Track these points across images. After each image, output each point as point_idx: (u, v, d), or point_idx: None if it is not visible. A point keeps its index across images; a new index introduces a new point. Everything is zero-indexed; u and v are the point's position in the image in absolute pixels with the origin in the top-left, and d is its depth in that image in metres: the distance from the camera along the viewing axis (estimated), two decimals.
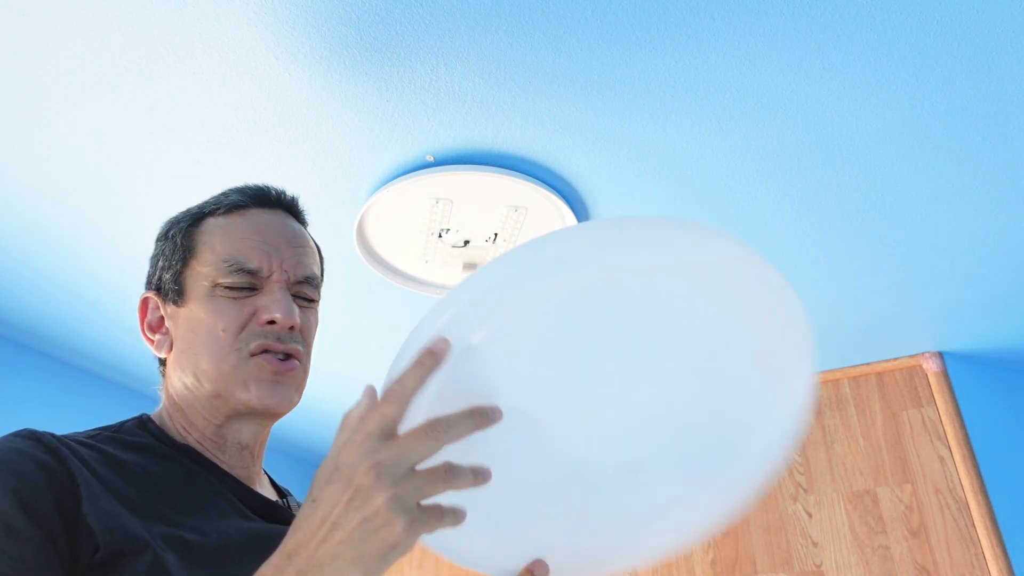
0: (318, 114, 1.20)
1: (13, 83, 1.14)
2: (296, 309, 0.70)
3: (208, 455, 0.69)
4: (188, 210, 0.76)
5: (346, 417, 0.49)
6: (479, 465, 0.48)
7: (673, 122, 1.23)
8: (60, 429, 0.63)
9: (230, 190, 0.76)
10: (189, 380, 0.69)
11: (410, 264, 1.57)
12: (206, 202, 0.75)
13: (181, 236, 0.73)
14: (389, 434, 0.46)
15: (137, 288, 1.67)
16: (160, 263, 0.73)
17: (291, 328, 0.70)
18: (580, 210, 1.44)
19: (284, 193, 0.78)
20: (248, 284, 0.69)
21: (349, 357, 2.00)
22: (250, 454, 0.72)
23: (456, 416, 0.47)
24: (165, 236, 0.75)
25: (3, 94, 1.16)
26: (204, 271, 0.70)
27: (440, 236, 1.47)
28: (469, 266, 1.56)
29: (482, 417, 0.47)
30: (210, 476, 0.67)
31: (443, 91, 1.16)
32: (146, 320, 0.72)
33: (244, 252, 0.70)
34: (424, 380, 0.47)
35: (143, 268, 1.59)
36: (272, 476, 0.81)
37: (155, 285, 0.73)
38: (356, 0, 1.01)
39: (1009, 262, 1.60)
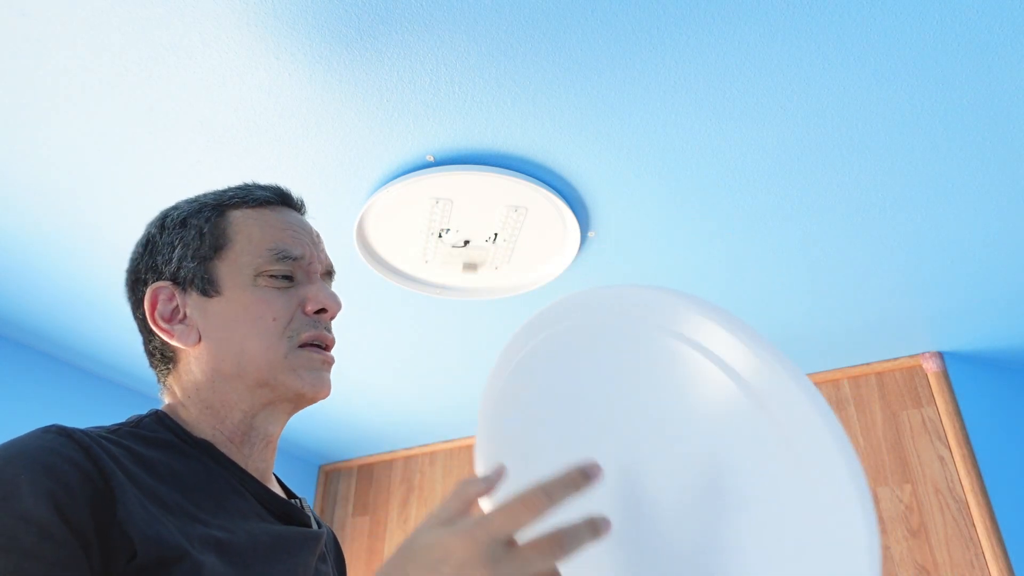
0: (318, 114, 1.21)
1: (13, 83, 1.14)
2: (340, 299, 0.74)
3: (227, 451, 0.68)
4: (199, 200, 0.74)
5: (462, 489, 0.47)
6: (595, 515, 0.44)
7: (673, 122, 1.23)
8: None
9: (247, 185, 0.76)
10: (229, 368, 0.68)
11: (410, 264, 1.57)
12: (221, 193, 0.75)
13: (209, 225, 0.71)
14: (512, 541, 0.43)
15: None
16: (177, 252, 0.71)
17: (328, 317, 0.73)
18: (580, 210, 1.44)
19: (298, 196, 0.81)
20: (289, 273, 0.71)
21: (349, 357, 2.00)
22: (272, 447, 0.72)
23: (578, 528, 0.44)
24: (183, 224, 0.72)
25: (3, 94, 1.16)
26: (245, 260, 0.70)
27: (440, 236, 1.47)
28: (469, 266, 1.56)
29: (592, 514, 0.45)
30: (230, 475, 0.66)
31: (443, 91, 1.16)
32: (156, 311, 0.69)
33: (287, 241, 0.72)
34: (569, 499, 0.44)
35: None
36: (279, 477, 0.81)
37: (169, 275, 0.70)
38: (356, 0, 1.01)
39: (1009, 262, 1.60)
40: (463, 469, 2.61)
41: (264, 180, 1.35)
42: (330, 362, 0.72)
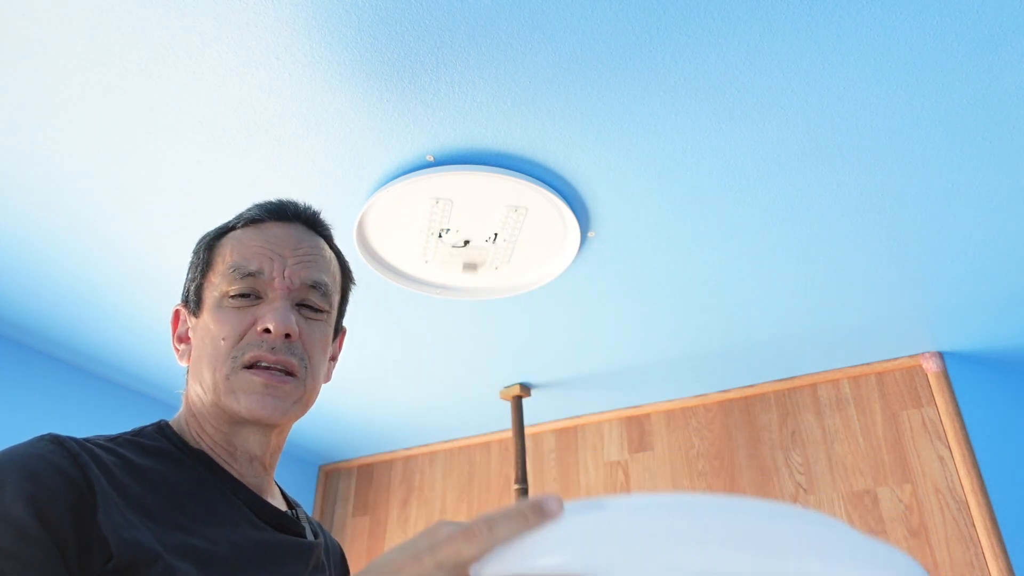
0: (318, 114, 1.21)
1: (13, 83, 1.14)
2: (293, 318, 0.70)
3: (221, 463, 0.69)
4: (219, 225, 0.79)
5: (436, 526, 0.47)
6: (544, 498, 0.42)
7: (673, 122, 1.23)
8: (60, 430, 0.63)
9: (253, 205, 0.77)
10: (198, 388, 0.71)
11: (410, 264, 1.57)
12: (237, 217, 0.78)
13: (204, 250, 0.76)
14: (458, 572, 0.43)
15: (137, 287, 1.67)
16: (188, 275, 0.77)
17: (287, 337, 0.69)
18: (580, 210, 1.44)
19: (305, 207, 0.78)
20: (251, 292, 0.70)
21: (349, 357, 2.00)
22: (260, 465, 0.72)
23: (517, 513, 0.42)
24: (195, 250, 0.78)
25: (3, 94, 1.16)
26: (215, 281, 0.72)
27: (440, 236, 1.47)
28: (469, 266, 1.56)
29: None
30: (223, 484, 0.67)
31: (443, 91, 1.16)
32: (176, 331, 0.76)
33: (247, 257, 0.71)
34: (518, 535, 0.43)
35: (142, 267, 1.60)
36: (281, 485, 0.81)
37: (183, 298, 0.77)
38: (356, 0, 1.01)
39: (1009, 262, 1.60)
40: (463, 469, 2.61)
41: (264, 180, 1.35)
42: (275, 383, 0.68)
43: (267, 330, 0.69)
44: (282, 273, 0.71)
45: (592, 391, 2.27)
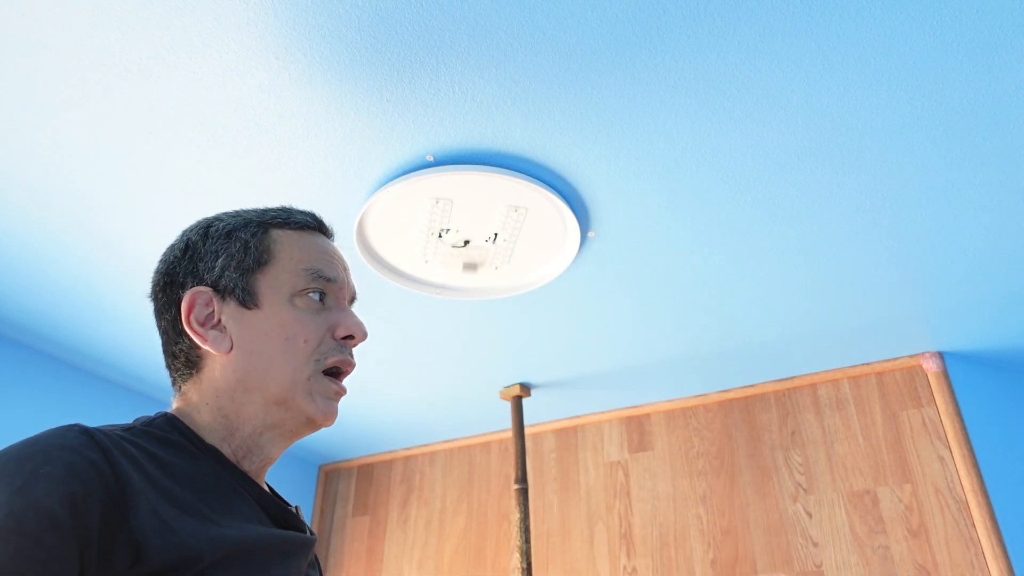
0: (318, 114, 1.21)
1: (13, 83, 1.14)
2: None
3: (232, 459, 0.70)
4: (243, 215, 0.77)
5: None
6: None
7: (673, 122, 1.23)
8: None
9: (287, 208, 0.79)
10: (253, 380, 0.70)
11: (410, 264, 1.57)
12: (264, 212, 0.78)
13: (255, 240, 0.74)
14: None
15: (137, 287, 1.67)
16: (221, 261, 0.73)
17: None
18: (580, 210, 1.44)
19: (330, 225, 0.84)
20: (322, 295, 0.74)
21: None
22: (266, 470, 0.74)
23: None
24: (228, 236, 0.74)
25: (3, 94, 1.16)
26: (284, 277, 0.73)
27: (440, 236, 1.47)
28: (469, 266, 1.56)
29: None
30: (234, 479, 0.68)
31: (443, 91, 1.16)
32: (192, 314, 0.71)
33: (323, 262, 0.75)
34: None
35: (142, 267, 1.59)
36: (282, 485, 0.82)
37: (210, 282, 0.72)
38: (356, 0, 1.01)
39: (1009, 262, 1.60)
40: (463, 469, 2.61)
41: (264, 180, 1.35)
42: (342, 393, 0.75)
43: (350, 337, 0.74)
44: (347, 283, 0.78)
45: (592, 391, 2.27)
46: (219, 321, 0.71)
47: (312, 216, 0.80)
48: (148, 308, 1.85)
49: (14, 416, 1.85)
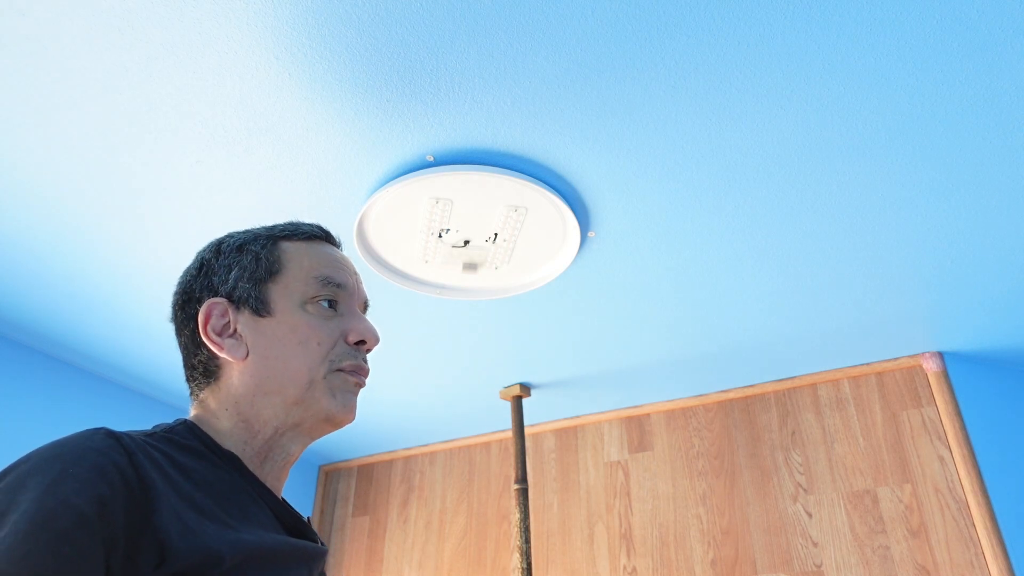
0: (318, 114, 1.21)
1: (13, 83, 1.14)
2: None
3: (250, 466, 0.71)
4: (252, 231, 0.81)
5: None
6: None
7: (673, 121, 1.23)
8: (61, 431, 0.63)
9: (294, 222, 0.83)
10: (271, 384, 0.72)
11: (410, 264, 1.57)
12: (272, 227, 0.82)
13: (265, 252, 0.78)
14: None
15: (137, 287, 1.67)
16: (234, 273, 0.76)
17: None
18: (580, 210, 1.44)
19: (337, 235, 0.87)
20: (333, 302, 0.77)
21: None
22: (286, 470, 0.76)
23: None
24: (239, 250, 0.78)
25: (3, 94, 1.16)
26: (295, 285, 0.76)
27: (440, 236, 1.47)
28: (469, 266, 1.56)
29: None
30: (251, 487, 0.69)
31: (443, 91, 1.16)
32: (209, 325, 0.74)
33: (334, 269, 0.78)
34: None
35: (140, 267, 1.60)
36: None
37: (225, 293, 0.75)
38: (356, 0, 1.01)
39: (1009, 262, 1.60)
40: (463, 469, 2.61)
41: (264, 180, 1.35)
42: (361, 385, 0.77)
43: (362, 342, 0.77)
44: (357, 290, 0.81)
45: (592, 391, 2.27)
46: (235, 330, 0.74)
47: (319, 227, 0.83)
48: (148, 308, 1.84)
49: (14, 416, 1.85)
